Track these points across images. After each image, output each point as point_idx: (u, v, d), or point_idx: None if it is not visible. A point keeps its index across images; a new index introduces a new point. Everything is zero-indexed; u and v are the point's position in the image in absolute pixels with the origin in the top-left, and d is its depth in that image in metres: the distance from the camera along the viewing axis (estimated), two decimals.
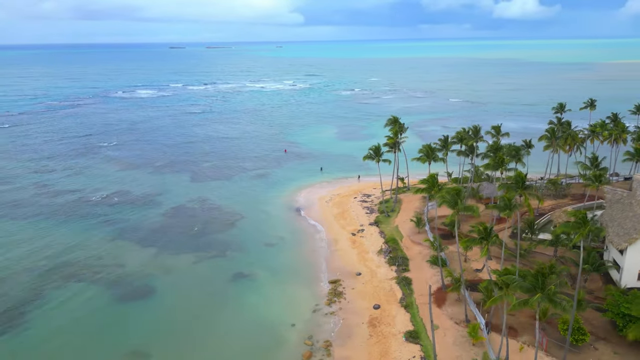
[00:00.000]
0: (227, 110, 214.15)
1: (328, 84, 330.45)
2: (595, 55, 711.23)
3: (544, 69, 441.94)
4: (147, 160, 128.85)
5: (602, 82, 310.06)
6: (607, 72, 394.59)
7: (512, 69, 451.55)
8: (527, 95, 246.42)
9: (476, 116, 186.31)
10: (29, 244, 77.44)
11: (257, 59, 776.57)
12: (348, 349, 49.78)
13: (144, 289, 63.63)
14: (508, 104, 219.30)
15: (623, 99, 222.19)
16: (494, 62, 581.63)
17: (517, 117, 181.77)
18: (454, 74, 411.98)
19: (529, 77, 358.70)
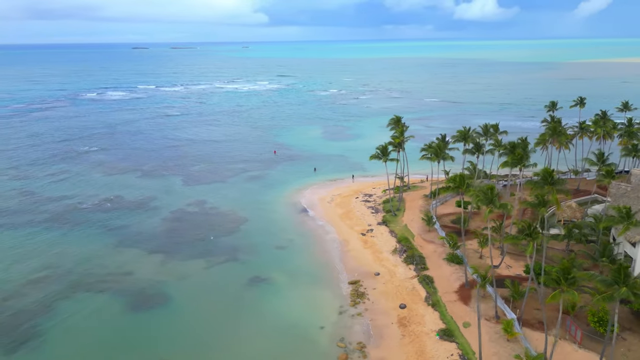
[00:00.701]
0: (206, 112, 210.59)
1: (304, 85, 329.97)
2: (556, 55, 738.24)
3: (510, 69, 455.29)
4: (133, 164, 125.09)
5: (569, 81, 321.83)
6: (570, 71, 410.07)
7: (480, 69, 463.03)
8: (501, 95, 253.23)
9: (456, 116, 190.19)
10: (26, 255, 73.85)
11: (225, 59, 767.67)
12: (383, 350, 49.71)
13: (160, 296, 61.70)
14: (484, 103, 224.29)
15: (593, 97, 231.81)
16: (461, 62, 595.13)
17: (497, 115, 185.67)
18: (425, 74, 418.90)
19: (497, 77, 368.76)
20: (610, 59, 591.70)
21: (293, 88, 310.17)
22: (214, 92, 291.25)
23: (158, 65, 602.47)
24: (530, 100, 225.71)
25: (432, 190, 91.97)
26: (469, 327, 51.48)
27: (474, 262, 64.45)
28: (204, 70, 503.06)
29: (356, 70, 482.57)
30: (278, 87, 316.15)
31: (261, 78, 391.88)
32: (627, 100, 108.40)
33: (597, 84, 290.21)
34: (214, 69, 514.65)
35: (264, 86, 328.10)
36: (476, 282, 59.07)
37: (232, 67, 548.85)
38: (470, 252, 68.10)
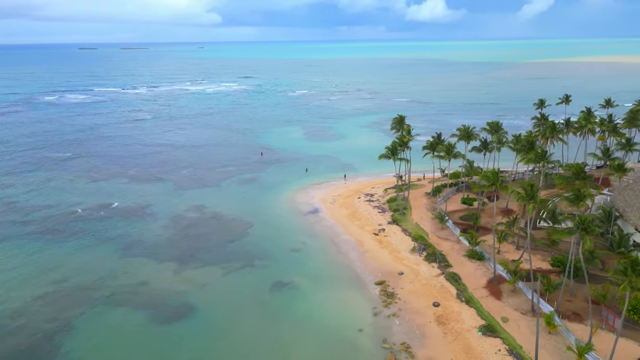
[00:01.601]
0: (177, 115, 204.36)
1: (271, 86, 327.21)
2: (507, 55, 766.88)
3: (468, 69, 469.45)
4: (116, 170, 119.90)
5: (527, 80, 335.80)
6: (525, 71, 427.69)
7: (439, 69, 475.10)
8: (468, 94, 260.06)
9: (430, 115, 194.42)
10: (25, 270, 69.28)
11: (182, 60, 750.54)
12: (429, 349, 49.88)
13: (184, 307, 59.34)
14: (453, 103, 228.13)
15: (554, 95, 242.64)
16: (419, 62, 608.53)
17: (470, 114, 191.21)
18: (388, 74, 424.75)
19: (458, 77, 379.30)
20: (559, 59, 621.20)
21: (261, 89, 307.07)
22: (179, 94, 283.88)
23: (111, 66, 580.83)
24: (495, 100, 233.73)
25: (433, 188, 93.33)
26: (507, 321, 52.50)
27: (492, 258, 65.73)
28: (162, 71, 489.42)
29: (319, 70, 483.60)
30: (245, 88, 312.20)
31: (225, 79, 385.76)
32: (610, 97, 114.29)
33: (556, 83, 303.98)
34: (173, 70, 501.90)
35: (231, 87, 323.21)
36: (503, 278, 60.51)
37: (191, 68, 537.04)
38: (485, 247, 69.48)
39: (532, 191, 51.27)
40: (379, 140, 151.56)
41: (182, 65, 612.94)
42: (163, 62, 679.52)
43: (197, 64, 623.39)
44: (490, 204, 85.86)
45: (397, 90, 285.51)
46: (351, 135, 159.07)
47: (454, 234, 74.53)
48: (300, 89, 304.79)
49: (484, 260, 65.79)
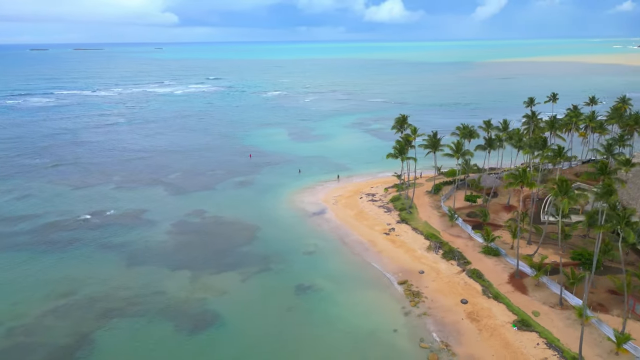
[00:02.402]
0: (153, 119, 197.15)
1: (243, 87, 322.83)
2: (467, 55, 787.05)
3: (434, 69, 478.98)
4: (100, 176, 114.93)
5: (497, 79, 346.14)
6: (492, 70, 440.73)
7: (405, 69, 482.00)
8: (441, 94, 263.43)
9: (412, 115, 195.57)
10: (26, 282, 65.61)
11: (142, 61, 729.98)
12: (468, 346, 50.30)
13: (207, 315, 57.52)
14: (428, 103, 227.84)
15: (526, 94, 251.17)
16: (385, 63, 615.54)
17: (448, 114, 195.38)
18: (357, 74, 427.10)
19: (427, 77, 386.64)
20: (519, 59, 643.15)
21: (232, 90, 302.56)
22: (148, 97, 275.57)
23: (69, 68, 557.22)
24: (471, 98, 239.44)
25: (433, 186, 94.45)
26: (538, 315, 53.64)
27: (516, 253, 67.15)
28: (124, 73, 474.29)
29: (286, 71, 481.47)
30: (216, 90, 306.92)
31: (192, 80, 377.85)
32: (594, 95, 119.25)
33: (526, 82, 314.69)
34: (135, 72, 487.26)
35: (200, 89, 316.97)
36: (524, 272, 61.82)
37: (154, 70, 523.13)
38: (498, 243, 70.79)
39: (566, 187, 52.58)
40: (365, 140, 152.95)
41: (144, 66, 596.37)
42: (123, 64, 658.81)
43: (159, 65, 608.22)
44: (492, 200, 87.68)
45: (370, 91, 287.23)
46: (336, 135, 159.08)
47: (465, 231, 75.67)
48: (272, 90, 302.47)
49: (500, 256, 67.04)
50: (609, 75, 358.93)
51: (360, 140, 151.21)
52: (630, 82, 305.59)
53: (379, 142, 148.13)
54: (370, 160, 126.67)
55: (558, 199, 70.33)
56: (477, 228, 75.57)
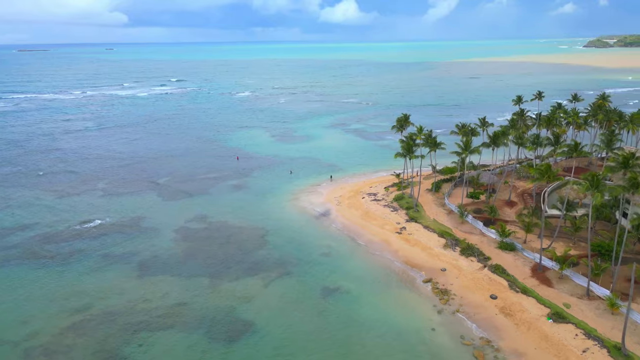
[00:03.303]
0: (125, 123, 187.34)
1: (210, 88, 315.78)
2: (428, 55, 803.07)
3: (397, 69, 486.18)
4: (83, 184, 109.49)
5: (464, 79, 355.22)
6: (455, 70, 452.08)
7: (369, 70, 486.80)
8: (412, 94, 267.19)
9: (386, 115, 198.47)
10: (34, 298, 61.56)
11: (95, 62, 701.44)
12: (509, 341, 51.03)
13: (239, 323, 55.76)
14: (403, 104, 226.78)
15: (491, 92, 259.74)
16: (348, 63, 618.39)
17: (423, 112, 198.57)
18: (323, 75, 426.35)
19: (393, 77, 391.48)
20: (478, 59, 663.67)
21: (199, 92, 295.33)
22: (112, 100, 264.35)
23: (17, 70, 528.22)
24: (442, 98, 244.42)
25: (433, 184, 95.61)
26: (570, 307, 55.16)
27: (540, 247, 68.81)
28: (80, 75, 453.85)
29: (250, 72, 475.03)
30: (181, 92, 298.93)
31: (153, 82, 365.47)
32: (576, 93, 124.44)
33: (486, 81, 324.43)
34: (90, 74, 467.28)
35: (164, 91, 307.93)
36: (545, 266, 63.48)
37: (110, 72, 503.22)
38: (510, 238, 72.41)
39: (597, 181, 54.24)
40: (349, 140, 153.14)
41: (98, 68, 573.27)
42: (75, 65, 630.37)
43: (114, 67, 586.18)
44: (492, 196, 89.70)
45: (341, 91, 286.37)
46: (319, 136, 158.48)
47: (476, 228, 76.98)
48: (241, 91, 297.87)
49: (516, 251, 68.59)
50: (567, 74, 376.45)
51: (345, 141, 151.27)
52: (589, 79, 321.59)
53: (364, 142, 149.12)
54: (361, 160, 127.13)
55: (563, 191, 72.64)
56: (485, 224, 77.02)
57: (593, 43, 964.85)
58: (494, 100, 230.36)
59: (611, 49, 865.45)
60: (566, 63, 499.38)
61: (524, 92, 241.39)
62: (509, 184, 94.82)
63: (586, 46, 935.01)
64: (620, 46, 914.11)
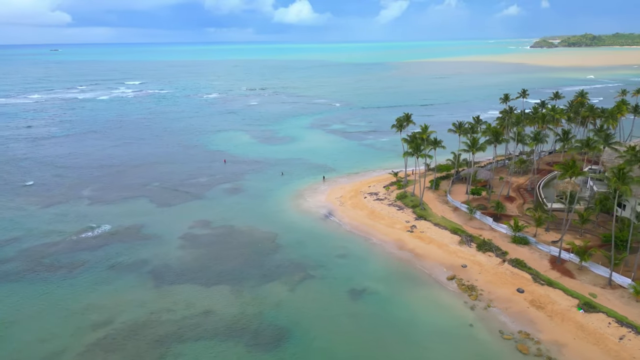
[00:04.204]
0: (95, 129, 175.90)
1: (174, 90, 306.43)
2: (386, 56, 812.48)
3: (360, 70, 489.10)
4: (66, 193, 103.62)
5: (431, 78, 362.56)
6: (415, 70, 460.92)
7: (334, 71, 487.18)
8: (383, 93, 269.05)
9: (363, 115, 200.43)
10: (49, 315, 57.74)
11: (41, 64, 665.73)
12: (547, 333, 52.27)
13: (273, 329, 54.37)
14: (375, 104, 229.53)
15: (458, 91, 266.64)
16: (306, 64, 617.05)
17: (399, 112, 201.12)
18: (289, 76, 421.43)
19: (357, 78, 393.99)
20: (436, 59, 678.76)
21: (163, 94, 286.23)
22: (71, 104, 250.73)
23: None
24: (414, 97, 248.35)
25: (433, 181, 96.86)
26: (596, 297, 57.20)
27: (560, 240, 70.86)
28: (27, 78, 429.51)
29: (212, 72, 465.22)
30: (145, 94, 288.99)
31: (110, 85, 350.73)
32: (557, 91, 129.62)
33: (454, 80, 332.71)
34: (39, 76, 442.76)
35: (126, 94, 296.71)
36: (563, 258, 65.57)
37: (62, 74, 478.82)
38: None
39: (624, 175, 56.37)
40: (333, 141, 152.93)
41: (46, 70, 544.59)
42: (21, 67, 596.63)
43: (63, 69, 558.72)
44: (493, 192, 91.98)
45: (310, 92, 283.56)
46: (302, 137, 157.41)
47: (485, 224, 78.58)
48: (207, 92, 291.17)
49: (530, 245, 70.51)
50: (528, 73, 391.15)
51: (329, 141, 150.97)
52: (550, 78, 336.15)
53: (349, 143, 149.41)
54: (350, 160, 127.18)
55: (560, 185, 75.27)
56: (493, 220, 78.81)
57: (539, 43, 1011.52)
58: (465, 99, 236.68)
59: (556, 49, 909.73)
60: (523, 63, 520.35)
61: (492, 91, 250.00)
62: (504, 180, 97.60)
63: (533, 46, 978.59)
64: (564, 46, 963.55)
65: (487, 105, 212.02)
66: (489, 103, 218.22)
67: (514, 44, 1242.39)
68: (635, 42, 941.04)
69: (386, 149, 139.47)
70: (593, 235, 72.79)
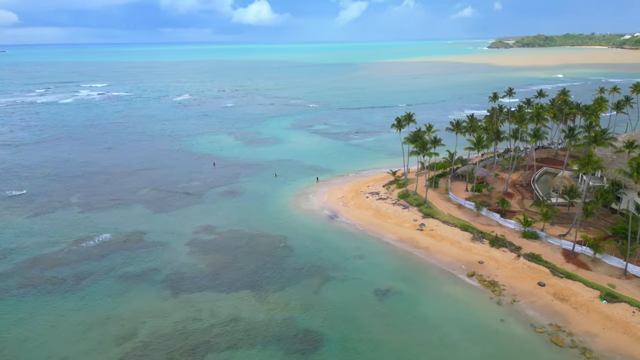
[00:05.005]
0: (66, 134, 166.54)
1: (141, 92, 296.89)
2: (352, 56, 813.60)
3: (329, 70, 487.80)
4: (51, 201, 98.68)
5: (404, 78, 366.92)
6: (384, 70, 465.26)
7: (303, 71, 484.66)
8: (356, 94, 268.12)
9: (344, 116, 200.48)
10: (62, 330, 54.68)
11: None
12: (577, 325, 53.61)
13: (307, 334, 53.46)
14: (352, 105, 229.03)
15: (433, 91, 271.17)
16: (272, 65, 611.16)
17: (382, 113, 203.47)
18: (258, 76, 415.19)
19: (327, 78, 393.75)
20: (401, 59, 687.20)
21: (132, 97, 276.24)
22: (33, 108, 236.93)
23: None
24: (393, 97, 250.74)
25: (432, 179, 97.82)
26: (615, 287, 59.23)
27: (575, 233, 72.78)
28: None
29: (177, 73, 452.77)
30: (112, 97, 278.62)
31: (71, 87, 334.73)
32: (541, 89, 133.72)
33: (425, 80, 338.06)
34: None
35: (91, 96, 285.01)
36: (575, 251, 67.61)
37: (12, 76, 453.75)
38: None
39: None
40: (319, 141, 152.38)
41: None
42: None
43: (15, 71, 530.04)
44: (493, 188, 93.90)
45: (285, 93, 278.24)
46: (286, 138, 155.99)
47: (492, 220, 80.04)
48: (177, 94, 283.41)
49: (540, 239, 72.31)
50: (497, 72, 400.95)
51: (315, 142, 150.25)
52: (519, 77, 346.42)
53: (335, 143, 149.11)
54: (341, 160, 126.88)
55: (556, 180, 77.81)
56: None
57: (495, 44, 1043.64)
58: (441, 99, 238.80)
59: (512, 49, 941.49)
60: (488, 63, 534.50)
61: (465, 91, 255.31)
62: (499, 177, 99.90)
63: (489, 47, 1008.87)
64: (519, 46, 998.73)
65: (463, 104, 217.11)
66: (465, 102, 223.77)
67: (471, 44, 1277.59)
68: (585, 42, 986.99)
69: (374, 148, 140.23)
70: (595, 228, 75.47)
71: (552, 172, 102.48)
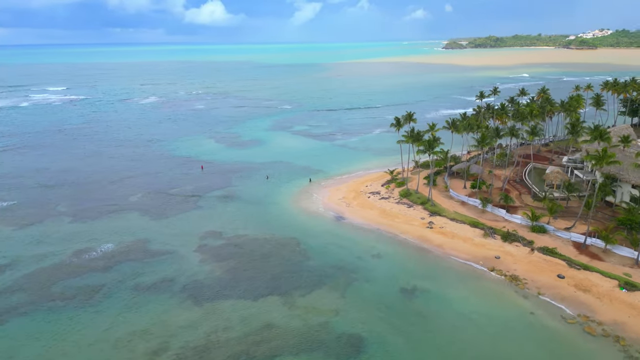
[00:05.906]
0: (33, 142, 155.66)
1: (105, 95, 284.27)
2: (315, 56, 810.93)
3: (292, 71, 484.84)
4: (38, 211, 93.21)
5: (376, 78, 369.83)
6: (351, 71, 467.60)
7: (265, 72, 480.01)
8: (330, 94, 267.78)
9: (323, 117, 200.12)
10: (88, 346, 51.89)
11: None
12: (604, 314, 55.43)
13: (346, 338, 52.69)
14: (326, 106, 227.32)
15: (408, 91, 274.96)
16: (233, 65, 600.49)
17: (360, 113, 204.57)
18: (223, 77, 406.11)
19: (295, 79, 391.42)
20: (366, 60, 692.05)
21: (94, 100, 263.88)
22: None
23: None
24: (368, 98, 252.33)
25: (426, 178, 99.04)
26: (631, 277, 61.73)
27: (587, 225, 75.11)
28: None
29: (136, 75, 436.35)
30: (73, 100, 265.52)
31: (24, 90, 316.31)
32: (523, 87, 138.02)
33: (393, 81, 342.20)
34: None
35: (49, 100, 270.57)
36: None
37: None
38: None
39: None
40: (304, 143, 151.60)
41: None
42: None
43: None
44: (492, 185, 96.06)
45: (255, 95, 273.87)
46: (269, 140, 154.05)
47: (498, 216, 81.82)
48: (144, 97, 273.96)
49: (549, 233, 74.49)
50: (464, 72, 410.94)
51: (300, 143, 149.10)
52: (485, 77, 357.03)
53: (321, 144, 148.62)
54: (332, 161, 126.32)
55: (550, 176, 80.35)
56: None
57: (450, 45, 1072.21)
58: (417, 99, 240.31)
59: (466, 50, 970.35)
60: (451, 63, 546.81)
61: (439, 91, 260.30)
62: (492, 173, 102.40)
63: (444, 48, 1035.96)
64: (472, 47, 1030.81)
65: (438, 104, 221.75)
66: (440, 102, 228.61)
67: (426, 45, 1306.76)
68: (533, 42, 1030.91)
69: (360, 148, 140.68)
70: (596, 220, 78.50)
71: (539, 168, 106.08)
